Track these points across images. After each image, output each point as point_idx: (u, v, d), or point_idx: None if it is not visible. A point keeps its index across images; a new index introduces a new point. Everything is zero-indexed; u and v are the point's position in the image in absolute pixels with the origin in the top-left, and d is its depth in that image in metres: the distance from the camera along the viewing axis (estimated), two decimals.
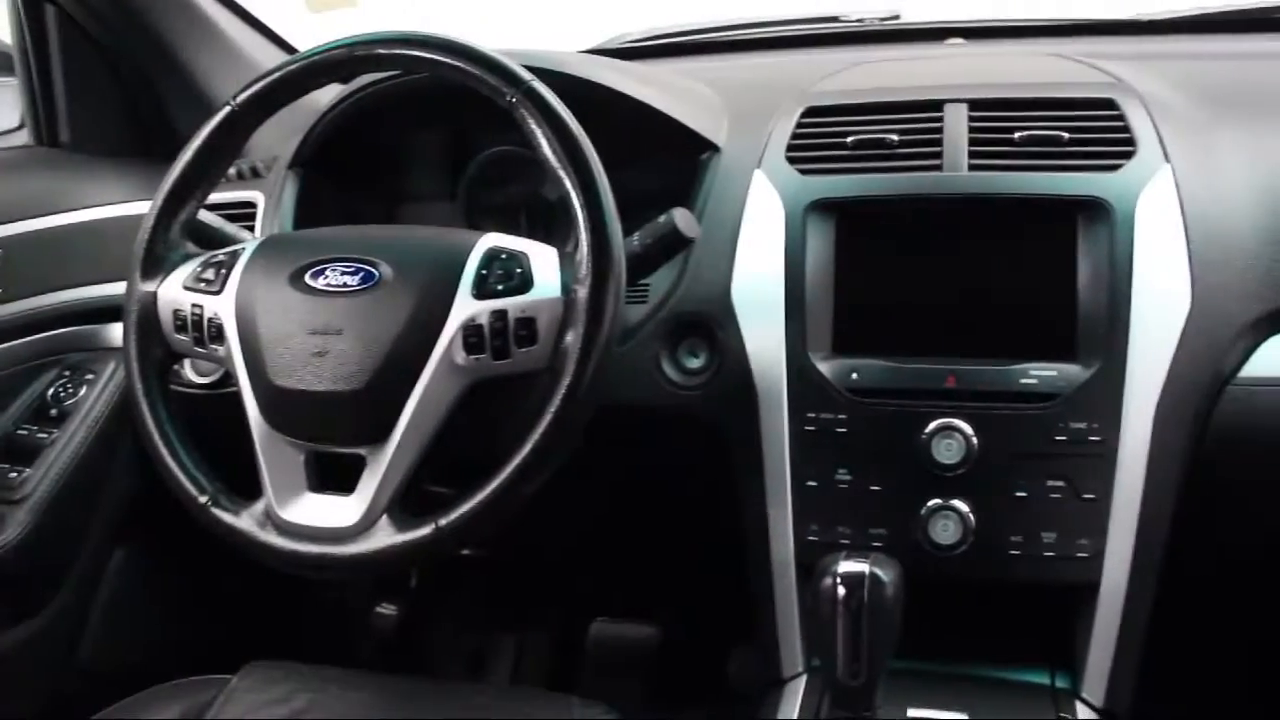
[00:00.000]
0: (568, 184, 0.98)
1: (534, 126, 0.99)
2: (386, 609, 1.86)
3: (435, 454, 1.00)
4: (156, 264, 1.08)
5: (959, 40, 1.65)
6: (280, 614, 1.73)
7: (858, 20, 1.72)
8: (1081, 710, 1.11)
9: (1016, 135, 1.15)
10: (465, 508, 0.96)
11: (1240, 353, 1.11)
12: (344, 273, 1.02)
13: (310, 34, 1.37)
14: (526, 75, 1.01)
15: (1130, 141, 1.14)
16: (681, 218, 1.06)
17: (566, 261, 0.99)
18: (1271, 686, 1.54)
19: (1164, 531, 1.11)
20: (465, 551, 1.65)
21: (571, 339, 0.95)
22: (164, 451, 1.05)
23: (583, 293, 0.96)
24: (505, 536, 1.14)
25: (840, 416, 1.13)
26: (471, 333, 0.97)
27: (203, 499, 1.03)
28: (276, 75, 1.08)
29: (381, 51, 1.05)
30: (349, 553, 0.99)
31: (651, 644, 1.81)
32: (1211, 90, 1.27)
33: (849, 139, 1.19)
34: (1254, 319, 1.10)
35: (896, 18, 1.73)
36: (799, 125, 1.23)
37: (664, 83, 1.34)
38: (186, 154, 1.09)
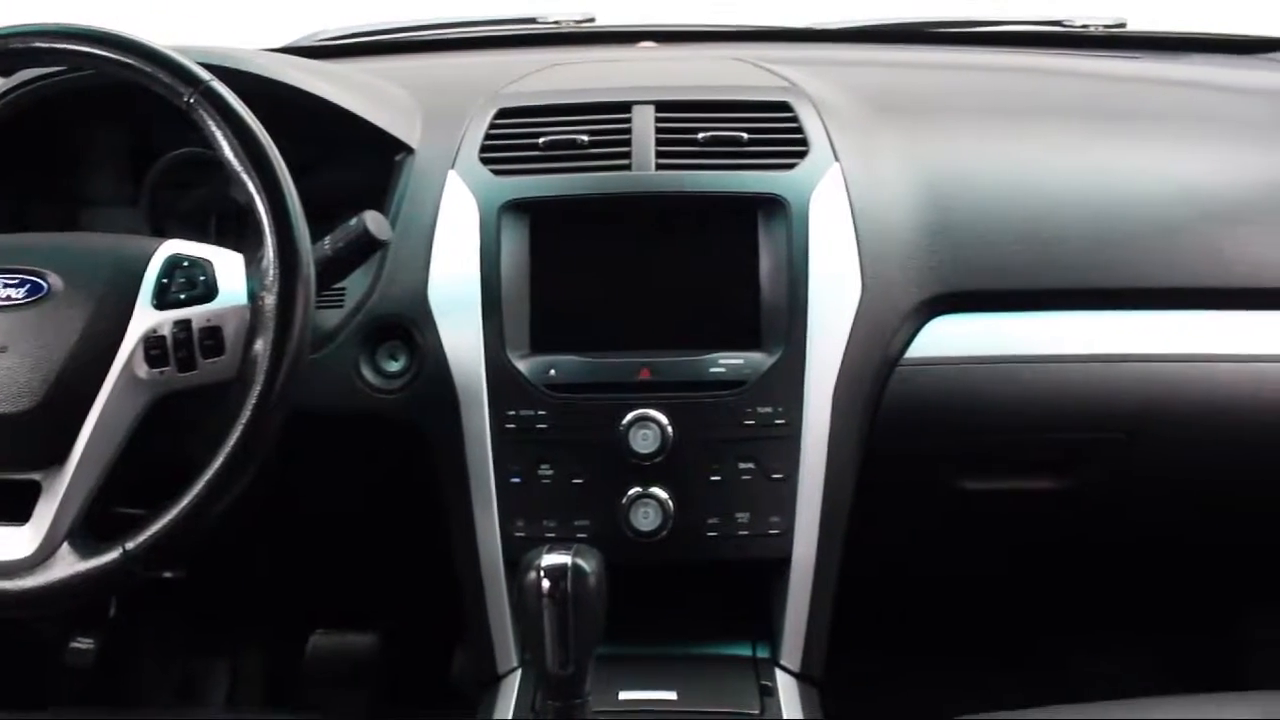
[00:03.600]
0: (251, 188, 0.95)
1: (213, 128, 0.97)
2: (83, 642, 1.74)
3: (122, 474, 0.96)
4: None
5: (650, 44, 1.71)
6: None
7: (554, 22, 1.76)
8: (780, 676, 1.18)
9: (700, 136, 1.21)
10: (155, 528, 0.92)
11: (905, 337, 1.20)
12: (7, 285, 0.96)
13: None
14: (204, 74, 0.98)
15: (804, 142, 1.22)
16: (372, 220, 1.06)
17: (253, 268, 0.97)
18: (944, 637, 1.69)
19: (847, 505, 1.19)
20: (166, 574, 1.58)
21: (260, 347, 0.93)
22: None
23: (270, 299, 0.94)
24: (206, 554, 1.09)
25: (540, 413, 1.15)
26: (153, 344, 0.94)
27: None
28: None
29: (41, 45, 0.99)
30: (25, 586, 0.94)
31: (373, 652, 1.78)
32: (874, 95, 1.37)
33: (541, 140, 1.21)
34: (915, 305, 1.20)
35: (592, 20, 1.77)
36: (492, 126, 1.24)
37: (354, 82, 1.32)
38: None
